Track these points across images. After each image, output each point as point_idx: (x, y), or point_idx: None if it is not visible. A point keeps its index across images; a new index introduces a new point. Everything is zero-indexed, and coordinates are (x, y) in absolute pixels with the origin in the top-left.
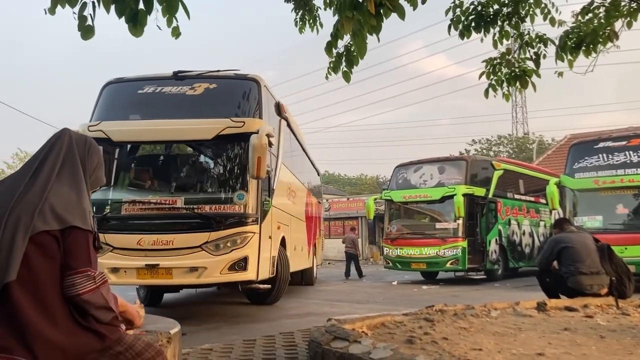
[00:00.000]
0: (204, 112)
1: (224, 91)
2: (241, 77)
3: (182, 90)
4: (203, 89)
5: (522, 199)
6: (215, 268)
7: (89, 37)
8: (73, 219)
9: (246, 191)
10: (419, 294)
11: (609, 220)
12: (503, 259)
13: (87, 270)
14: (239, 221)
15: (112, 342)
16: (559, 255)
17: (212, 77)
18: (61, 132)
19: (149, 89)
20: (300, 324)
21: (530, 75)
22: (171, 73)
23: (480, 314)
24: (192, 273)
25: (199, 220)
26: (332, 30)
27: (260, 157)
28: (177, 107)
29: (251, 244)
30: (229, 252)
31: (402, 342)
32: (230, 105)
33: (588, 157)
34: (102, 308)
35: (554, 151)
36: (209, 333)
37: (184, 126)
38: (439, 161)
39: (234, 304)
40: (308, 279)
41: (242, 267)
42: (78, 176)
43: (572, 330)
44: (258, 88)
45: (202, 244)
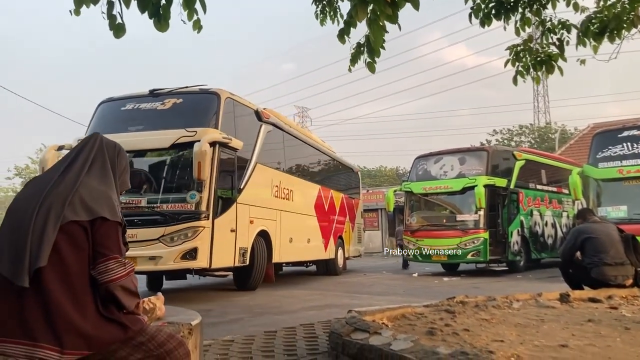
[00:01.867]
0: (170, 124)
1: (188, 105)
2: (204, 92)
3: (155, 105)
4: (171, 103)
5: (545, 190)
6: (169, 257)
7: (121, 35)
8: (102, 210)
9: (199, 191)
10: (439, 285)
11: (634, 210)
12: (525, 250)
13: (118, 257)
14: (189, 217)
15: (134, 333)
16: (582, 246)
17: (180, 92)
18: (92, 135)
19: (130, 106)
20: (321, 315)
21: (556, 60)
22: (148, 91)
23: (502, 305)
24: (151, 261)
25: (158, 217)
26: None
27: (200, 162)
28: (150, 120)
29: (201, 236)
30: (181, 244)
31: (422, 333)
32: (192, 117)
33: (612, 146)
34: (131, 294)
35: (576, 141)
36: (230, 325)
37: (147, 137)
38: (460, 152)
39: (255, 296)
40: (332, 269)
41: (193, 257)
42: (107, 173)
43: (596, 321)
44: (218, 101)
45: (159, 237)
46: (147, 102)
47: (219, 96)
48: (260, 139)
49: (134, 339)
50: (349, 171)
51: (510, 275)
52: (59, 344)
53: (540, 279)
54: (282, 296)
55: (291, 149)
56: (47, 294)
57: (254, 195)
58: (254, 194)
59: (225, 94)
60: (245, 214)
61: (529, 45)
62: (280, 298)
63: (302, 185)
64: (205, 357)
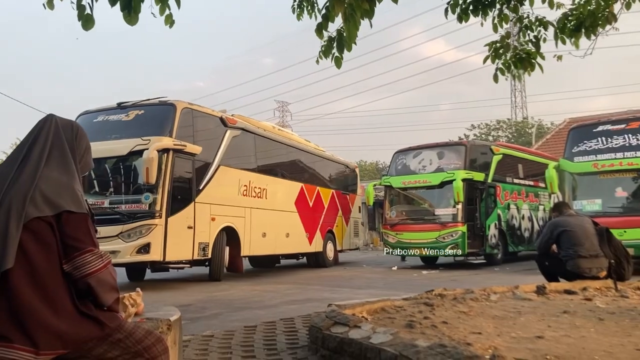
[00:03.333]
0: (132, 134)
1: (148, 116)
2: (162, 104)
3: (120, 117)
4: (134, 115)
5: (521, 183)
6: (126, 251)
7: (90, 27)
8: (66, 204)
9: (153, 193)
10: (418, 279)
11: (608, 204)
12: (502, 244)
13: (94, 249)
14: (144, 216)
15: (111, 330)
16: (558, 238)
17: (142, 105)
18: (46, 118)
19: (100, 118)
20: (301, 309)
21: (534, 57)
22: (116, 104)
23: (479, 297)
24: (112, 255)
25: (117, 216)
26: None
27: (147, 167)
28: (115, 130)
29: (154, 233)
30: (136, 240)
31: (401, 326)
32: (151, 126)
33: (587, 141)
34: (110, 288)
35: (553, 135)
36: (210, 320)
37: (108, 146)
38: (438, 146)
39: (236, 291)
40: (320, 262)
41: (146, 251)
42: (67, 161)
43: (571, 313)
44: (174, 111)
45: (118, 234)
46: (115, 114)
47: (175, 107)
48: (224, 143)
49: (111, 336)
50: (343, 168)
51: (488, 268)
52: (33, 345)
53: (517, 272)
54: (262, 290)
55: (264, 150)
56: (17, 295)
57: (216, 194)
58: (216, 193)
59: (182, 104)
60: (206, 212)
61: (507, 42)
62: (260, 292)
63: (278, 183)
64: (184, 352)
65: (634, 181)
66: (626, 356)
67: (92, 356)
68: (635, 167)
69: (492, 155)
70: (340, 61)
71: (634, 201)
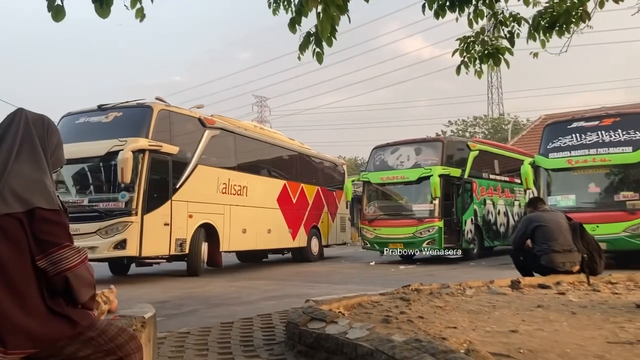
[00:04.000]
0: (110, 135)
1: (126, 117)
2: (140, 106)
3: (100, 119)
4: (113, 116)
5: (497, 179)
6: (104, 247)
7: (61, 18)
8: (37, 200)
9: (129, 191)
10: (396, 273)
11: (582, 199)
12: (478, 238)
13: (70, 244)
14: (120, 214)
15: (83, 328)
16: (532, 234)
17: (121, 107)
18: (15, 112)
19: (82, 119)
20: (279, 305)
21: (503, 53)
22: (96, 106)
23: (455, 292)
24: (90, 250)
25: (95, 214)
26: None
27: (122, 167)
28: (95, 132)
29: (130, 230)
30: (113, 236)
31: (378, 321)
32: (128, 128)
33: (562, 137)
34: (87, 284)
35: (528, 131)
36: (186, 316)
37: (87, 147)
38: (416, 142)
39: (213, 287)
40: (305, 257)
41: (123, 247)
42: (38, 156)
43: (545, 307)
44: (151, 113)
45: (96, 230)
46: (95, 115)
47: (152, 109)
48: (202, 143)
49: (83, 334)
50: (329, 165)
51: (464, 263)
52: (1, 344)
53: (492, 266)
54: (240, 287)
55: (245, 149)
56: None
57: (193, 192)
58: (194, 191)
59: (158, 106)
60: (183, 210)
61: (481, 37)
62: (238, 288)
63: (260, 180)
64: (160, 349)
65: (606, 177)
66: (597, 349)
67: (63, 355)
68: (608, 163)
69: (469, 151)
70: (321, 56)
71: (607, 196)
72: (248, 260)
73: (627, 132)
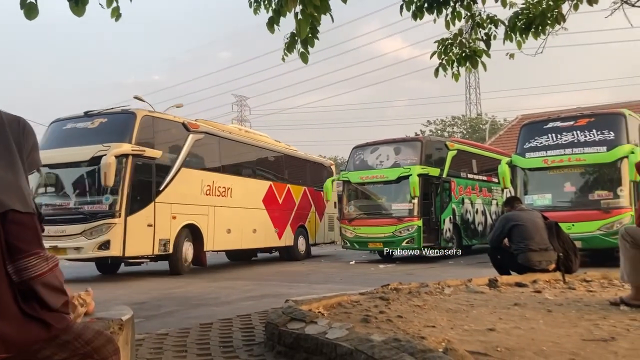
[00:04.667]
0: (96, 140)
1: (110, 123)
2: (124, 112)
3: (86, 125)
4: (98, 122)
5: (475, 179)
6: (89, 248)
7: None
8: (12, 203)
9: (113, 194)
10: (375, 273)
11: (558, 198)
12: (457, 237)
13: (39, 252)
14: (104, 216)
15: (58, 331)
16: (509, 233)
17: (107, 113)
18: None
19: (69, 125)
20: (258, 305)
21: (480, 56)
22: (83, 113)
23: (434, 291)
24: (76, 251)
25: (81, 216)
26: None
27: (105, 172)
28: (80, 137)
29: (113, 231)
30: (97, 237)
31: (357, 321)
32: (113, 133)
33: (538, 137)
34: (56, 291)
35: (505, 131)
36: (165, 318)
37: (73, 152)
38: (395, 142)
39: (192, 287)
40: (292, 255)
41: (107, 247)
42: (13, 158)
43: (522, 305)
44: (134, 119)
45: (81, 232)
46: (82, 122)
47: (135, 115)
48: (186, 146)
49: (58, 338)
50: (316, 166)
51: (442, 262)
52: None
53: (470, 265)
54: (219, 287)
55: (229, 151)
56: None
57: (177, 194)
58: (178, 193)
59: (142, 113)
60: (167, 211)
61: (459, 39)
62: (217, 289)
63: (245, 182)
64: (138, 351)
65: (581, 176)
66: (572, 346)
67: (38, 359)
68: (583, 163)
69: (447, 150)
70: (306, 56)
71: (582, 196)
72: (237, 259)
73: (601, 132)
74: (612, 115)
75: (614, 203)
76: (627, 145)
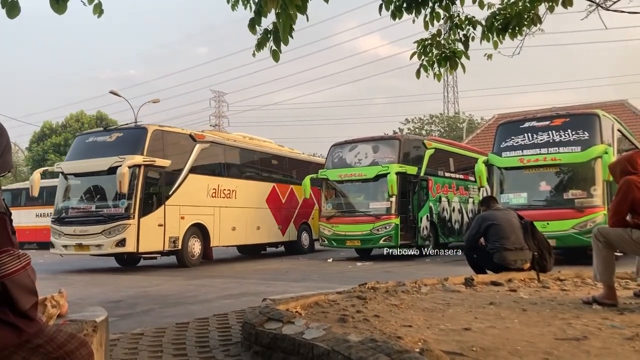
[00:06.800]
0: (113, 153)
1: (126, 137)
2: (137, 127)
3: (105, 138)
4: (115, 137)
5: (452, 177)
6: (108, 245)
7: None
8: None
9: (128, 199)
10: (353, 270)
11: (533, 197)
12: (434, 235)
13: (10, 250)
14: (121, 217)
15: (30, 336)
16: (485, 232)
17: (123, 128)
18: None
19: (91, 139)
20: (236, 304)
21: (459, 57)
22: (103, 128)
23: (411, 290)
24: (97, 247)
25: (101, 217)
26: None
27: (120, 180)
28: (100, 150)
29: (129, 230)
30: (115, 236)
31: (334, 321)
32: (128, 146)
33: (514, 137)
34: (28, 291)
35: (482, 130)
36: (141, 317)
37: (94, 162)
38: (373, 140)
39: (169, 286)
40: (296, 249)
41: (123, 245)
42: None
43: (497, 304)
44: (145, 133)
45: (102, 231)
46: (102, 136)
47: (146, 130)
48: (193, 155)
49: (30, 342)
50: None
51: (419, 260)
52: None
53: (447, 262)
54: (197, 285)
55: (233, 158)
56: None
57: (185, 197)
58: (186, 196)
59: (152, 127)
60: (176, 212)
61: (437, 40)
62: (195, 287)
63: (249, 184)
64: (112, 352)
65: (556, 175)
66: (546, 345)
67: None
68: (558, 162)
69: (425, 149)
70: (277, 55)
71: (556, 194)
72: (246, 253)
73: (576, 133)
74: (586, 116)
75: (587, 202)
76: (601, 145)
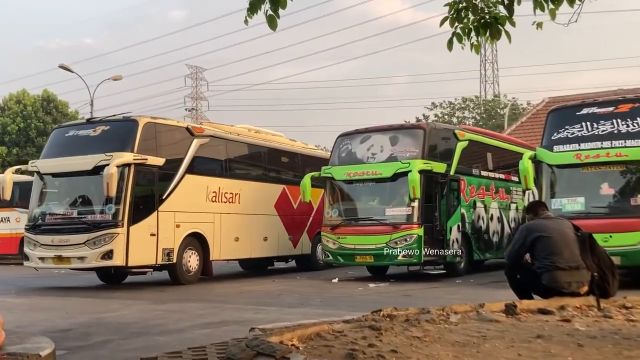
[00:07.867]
0: (98, 149)
1: (113, 131)
2: (125, 120)
3: (88, 132)
4: (100, 130)
5: (491, 177)
6: (92, 257)
7: None
8: None
9: (116, 204)
10: (364, 293)
11: (592, 203)
12: (466, 250)
13: None
14: (107, 225)
15: None
16: (532, 246)
17: (109, 120)
18: None
19: (71, 133)
20: (215, 335)
21: (503, 24)
22: (85, 120)
23: (437, 319)
24: (80, 260)
25: (84, 225)
26: None
27: (108, 182)
28: (83, 145)
29: (116, 241)
30: (100, 247)
31: (341, 357)
32: (115, 142)
33: (569, 126)
34: None
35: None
36: (95, 350)
37: (76, 161)
38: (391, 130)
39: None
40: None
41: (110, 257)
42: None
43: (546, 337)
44: (136, 127)
45: (85, 241)
46: (84, 129)
47: (137, 122)
48: (190, 152)
49: None
50: None
51: (448, 280)
52: None
53: (483, 285)
54: (167, 310)
55: (238, 155)
56: None
57: (181, 202)
58: (182, 201)
59: (144, 120)
60: (170, 220)
61: (473, 3)
62: (164, 313)
63: (255, 187)
64: None
65: (622, 176)
66: None
67: None
68: (625, 159)
69: (457, 141)
70: (275, 20)
71: (622, 200)
72: (250, 268)
73: None
74: None
75: None
76: None
